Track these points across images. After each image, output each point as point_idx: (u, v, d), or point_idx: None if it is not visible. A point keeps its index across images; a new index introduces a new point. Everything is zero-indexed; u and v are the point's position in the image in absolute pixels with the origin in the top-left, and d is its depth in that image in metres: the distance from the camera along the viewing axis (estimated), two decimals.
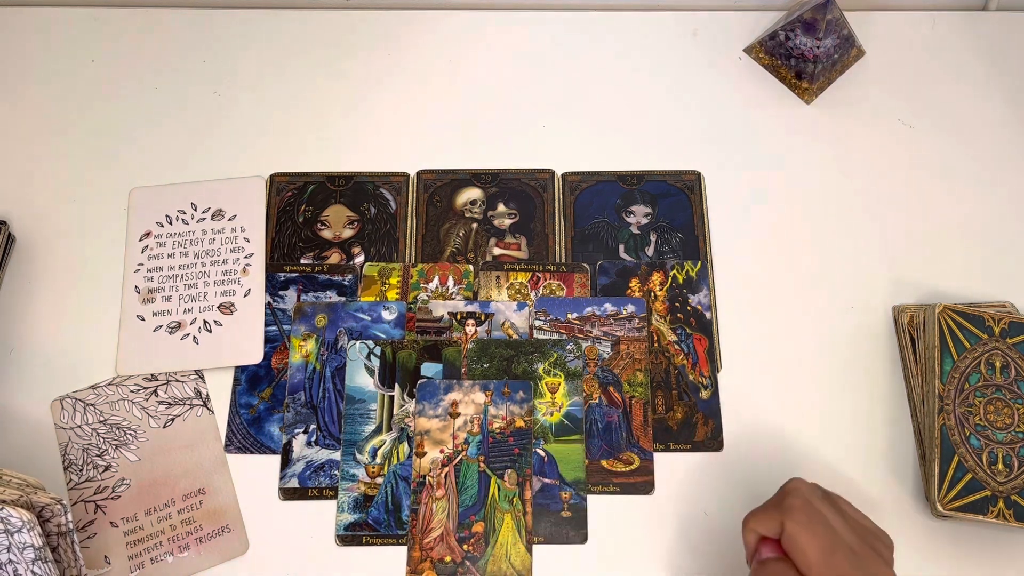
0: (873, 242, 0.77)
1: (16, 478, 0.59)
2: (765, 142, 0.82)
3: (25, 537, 0.55)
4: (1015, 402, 0.67)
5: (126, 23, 0.87)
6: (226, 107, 0.83)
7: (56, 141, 0.81)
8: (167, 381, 0.72)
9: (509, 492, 0.68)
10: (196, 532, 0.67)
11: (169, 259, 0.76)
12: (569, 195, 0.79)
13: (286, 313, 0.74)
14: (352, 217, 0.78)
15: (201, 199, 0.78)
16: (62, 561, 0.59)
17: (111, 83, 0.84)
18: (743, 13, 0.88)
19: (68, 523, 0.58)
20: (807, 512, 0.54)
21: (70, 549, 0.59)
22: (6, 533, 0.55)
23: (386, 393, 0.71)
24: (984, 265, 0.76)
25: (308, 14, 0.87)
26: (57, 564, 0.58)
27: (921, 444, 0.69)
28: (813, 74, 0.82)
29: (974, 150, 0.81)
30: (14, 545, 0.55)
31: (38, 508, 0.57)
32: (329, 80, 0.84)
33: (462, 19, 0.87)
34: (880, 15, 0.87)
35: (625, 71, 0.85)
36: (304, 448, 0.70)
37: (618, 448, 0.70)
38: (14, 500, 0.56)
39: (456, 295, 0.75)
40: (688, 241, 0.77)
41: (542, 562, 0.67)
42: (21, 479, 0.59)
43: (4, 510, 0.55)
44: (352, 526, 0.67)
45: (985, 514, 0.64)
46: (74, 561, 0.59)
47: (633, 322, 0.73)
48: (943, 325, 0.69)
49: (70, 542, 0.59)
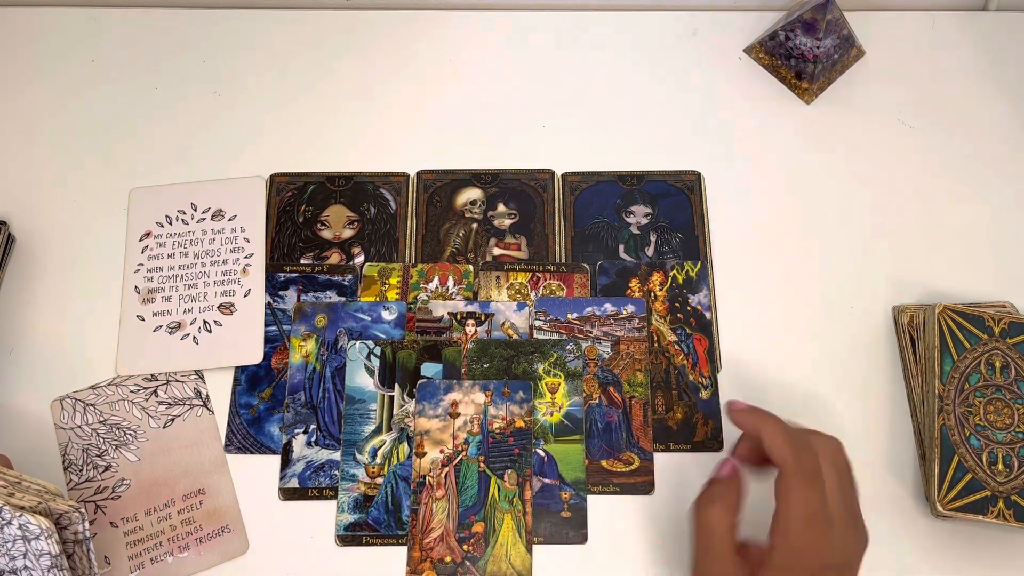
0: (873, 242, 0.77)
1: (35, 484, 0.59)
2: (765, 142, 0.82)
3: (42, 544, 0.55)
4: (1015, 402, 0.67)
5: (125, 23, 0.87)
6: (226, 107, 0.83)
7: (56, 141, 0.81)
8: (167, 381, 0.72)
9: (509, 492, 0.68)
10: (196, 532, 0.67)
11: (169, 259, 0.76)
12: (569, 195, 0.79)
13: (286, 313, 0.74)
14: (352, 217, 0.78)
15: (201, 199, 0.78)
16: (76, 568, 0.58)
17: (111, 83, 0.84)
18: (743, 13, 0.88)
19: (85, 531, 0.58)
20: (811, 476, 0.55)
21: (85, 557, 0.59)
22: (24, 540, 0.55)
23: (386, 393, 0.71)
24: (984, 265, 0.76)
25: (308, 14, 0.87)
26: (72, 572, 0.58)
27: (921, 444, 0.69)
28: (813, 74, 0.82)
29: (974, 150, 0.81)
30: (31, 552, 0.55)
31: (56, 515, 0.57)
32: (329, 80, 0.84)
33: (462, 19, 0.87)
34: (880, 15, 0.87)
35: (625, 71, 0.85)
36: (304, 448, 0.70)
37: (618, 448, 0.70)
38: (33, 507, 0.56)
39: (456, 295, 0.75)
40: (688, 241, 0.77)
41: (542, 562, 0.67)
42: (41, 485, 0.59)
43: (23, 517, 0.55)
44: (352, 526, 0.67)
45: (985, 514, 0.64)
46: (88, 569, 0.59)
47: (633, 322, 0.73)
48: (943, 325, 0.69)
49: (85, 550, 0.58)
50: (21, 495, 0.57)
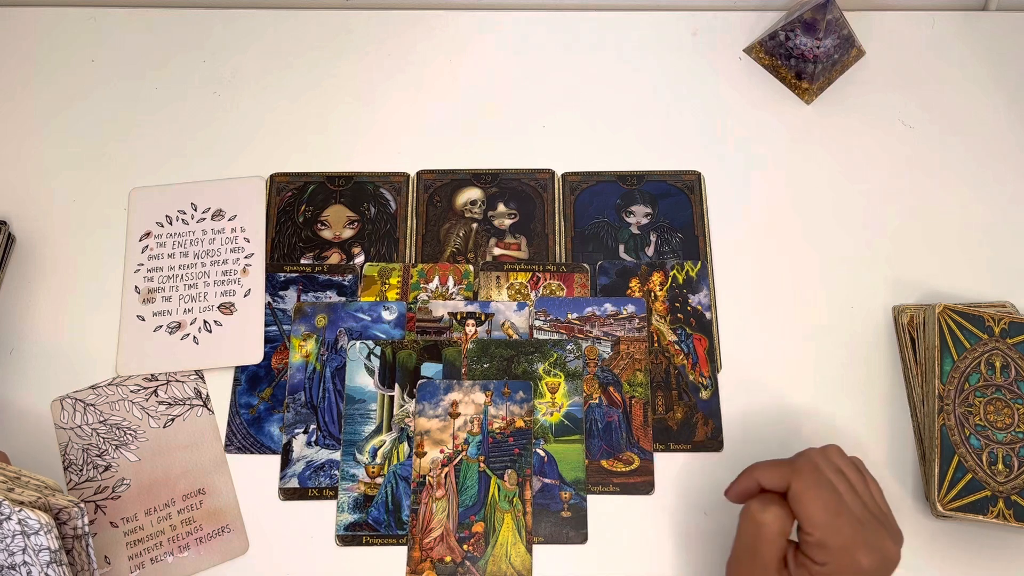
0: (873, 242, 0.77)
1: (35, 480, 0.59)
2: (765, 142, 0.82)
3: (42, 539, 0.55)
4: (1015, 402, 0.67)
5: (125, 23, 0.87)
6: (226, 107, 0.83)
7: (56, 141, 0.81)
8: (167, 381, 0.72)
9: (509, 492, 0.68)
10: (196, 532, 0.67)
11: (169, 259, 0.76)
12: (569, 195, 0.79)
13: (286, 313, 0.74)
14: (352, 217, 0.78)
15: (201, 199, 0.78)
16: (76, 564, 0.58)
17: (111, 83, 0.84)
18: (743, 13, 0.88)
19: (84, 526, 0.58)
20: (815, 476, 0.55)
21: (84, 552, 0.59)
22: (23, 535, 0.55)
23: (386, 393, 0.71)
24: (984, 265, 0.76)
25: (308, 14, 0.87)
26: (71, 567, 0.58)
27: (921, 444, 0.69)
28: (813, 74, 0.82)
29: (974, 150, 0.81)
30: (30, 547, 0.55)
31: (55, 510, 0.57)
32: (329, 80, 0.84)
33: (462, 19, 0.87)
34: (880, 15, 0.87)
35: (625, 71, 0.85)
36: (304, 448, 0.70)
37: (618, 448, 0.70)
38: (32, 502, 0.56)
39: (456, 295, 0.75)
40: (688, 241, 0.77)
41: (542, 562, 0.67)
42: (40, 481, 0.59)
43: (23, 512, 0.55)
44: (352, 526, 0.67)
45: (985, 514, 0.64)
46: (88, 564, 0.59)
47: (633, 322, 0.73)
48: (943, 325, 0.69)
49: (85, 545, 0.58)
50: (20, 490, 0.57)
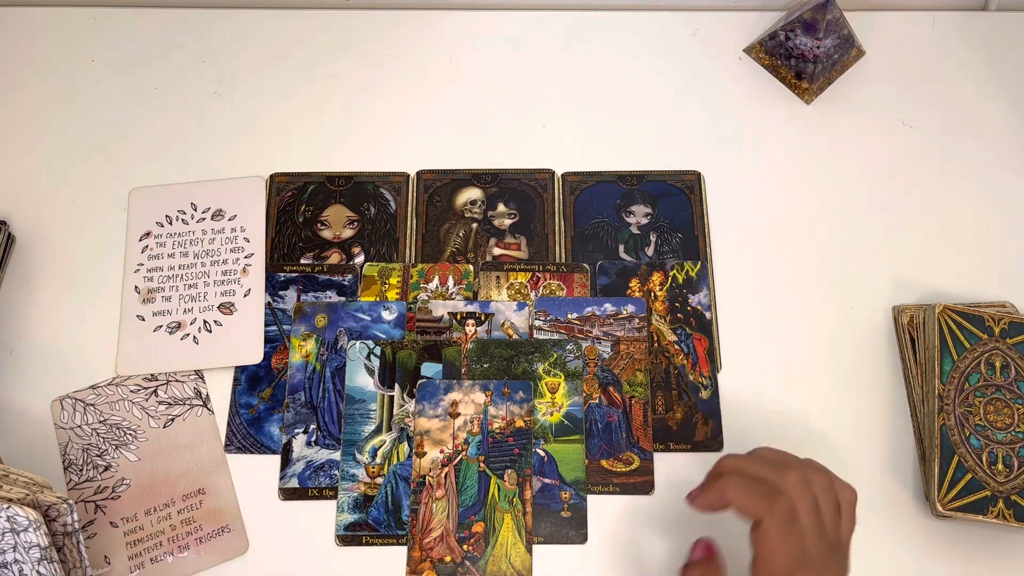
0: (873, 242, 0.77)
1: (23, 477, 0.59)
2: (765, 142, 0.82)
3: (31, 536, 0.55)
4: (1015, 402, 0.67)
5: (125, 23, 0.87)
6: (226, 107, 0.83)
7: (56, 141, 0.81)
8: (167, 381, 0.72)
9: (509, 492, 0.68)
10: (196, 532, 0.67)
11: (169, 259, 0.76)
12: (569, 195, 0.79)
13: (286, 313, 0.74)
14: (352, 217, 0.78)
15: (201, 199, 0.78)
16: (67, 561, 0.58)
17: (111, 83, 0.84)
18: (743, 13, 0.88)
19: (74, 523, 0.58)
20: (788, 523, 0.53)
21: (75, 549, 0.59)
22: (12, 532, 0.55)
23: (386, 393, 0.71)
24: (984, 265, 0.76)
25: (308, 14, 0.87)
26: (62, 564, 0.58)
27: (921, 444, 0.69)
28: (813, 74, 0.82)
29: (974, 150, 0.81)
30: (20, 544, 0.55)
31: (44, 507, 0.57)
32: (329, 80, 0.84)
33: (462, 19, 0.87)
34: (880, 15, 0.87)
35: (625, 71, 0.85)
36: (304, 448, 0.70)
37: (618, 448, 0.70)
38: (21, 499, 0.56)
39: (456, 295, 0.75)
40: (688, 241, 0.77)
41: (542, 562, 0.67)
42: (28, 478, 0.59)
43: (11, 508, 0.55)
44: (352, 526, 0.67)
45: (985, 514, 0.64)
46: (79, 561, 0.59)
47: (633, 322, 0.73)
48: (943, 325, 0.69)
49: (75, 542, 0.59)
50: (8, 487, 0.57)
